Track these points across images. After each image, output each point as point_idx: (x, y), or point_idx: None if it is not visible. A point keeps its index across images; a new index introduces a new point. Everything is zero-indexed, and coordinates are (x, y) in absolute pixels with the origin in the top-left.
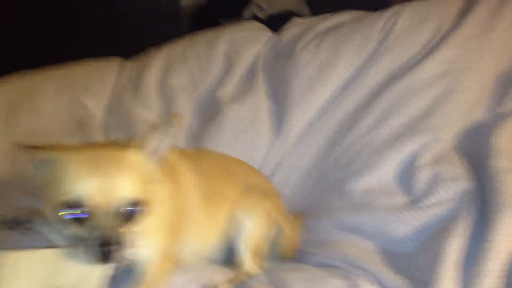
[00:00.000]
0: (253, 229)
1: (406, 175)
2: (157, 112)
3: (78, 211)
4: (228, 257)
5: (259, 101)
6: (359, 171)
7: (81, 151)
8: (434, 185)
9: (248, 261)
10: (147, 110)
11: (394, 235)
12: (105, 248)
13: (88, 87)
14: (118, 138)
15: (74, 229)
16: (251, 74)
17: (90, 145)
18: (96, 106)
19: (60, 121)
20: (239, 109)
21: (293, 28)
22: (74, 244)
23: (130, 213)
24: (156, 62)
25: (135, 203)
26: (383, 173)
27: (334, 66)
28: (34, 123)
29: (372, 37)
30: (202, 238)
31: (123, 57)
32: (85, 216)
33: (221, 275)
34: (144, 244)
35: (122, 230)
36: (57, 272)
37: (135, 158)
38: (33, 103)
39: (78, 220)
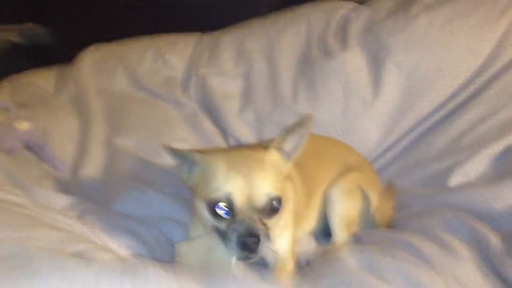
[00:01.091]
0: (343, 201)
1: (504, 156)
2: (233, 80)
3: (225, 206)
4: (326, 230)
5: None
6: (461, 164)
7: (228, 153)
8: None
9: (340, 233)
10: (222, 79)
11: (492, 212)
12: (248, 239)
13: (172, 44)
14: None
15: (221, 224)
16: (342, 34)
17: (233, 148)
18: (178, 64)
19: (150, 77)
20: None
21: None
22: (220, 238)
23: (270, 209)
24: (234, 32)
25: (276, 199)
26: (483, 163)
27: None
28: (129, 80)
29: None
30: (304, 224)
31: None
32: (233, 211)
33: (315, 248)
34: (279, 238)
35: (263, 225)
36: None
37: (275, 158)
38: (122, 61)
39: (226, 216)
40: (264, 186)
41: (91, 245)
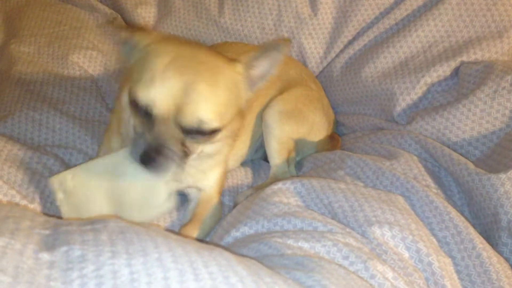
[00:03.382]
0: (282, 125)
1: (453, 79)
2: None
3: (144, 112)
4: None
5: None
6: (407, 90)
7: (183, 47)
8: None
9: (279, 161)
10: None
11: (448, 143)
12: (151, 154)
13: None
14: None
15: (138, 126)
16: None
17: (198, 44)
18: None
19: None
20: None
21: None
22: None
23: (199, 134)
24: None
25: (209, 129)
26: (431, 89)
27: None
28: None
29: None
30: (234, 153)
31: None
32: (151, 120)
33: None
34: (210, 172)
35: (184, 147)
36: (117, 178)
37: (237, 77)
38: None
39: (143, 119)
40: (202, 106)
41: None
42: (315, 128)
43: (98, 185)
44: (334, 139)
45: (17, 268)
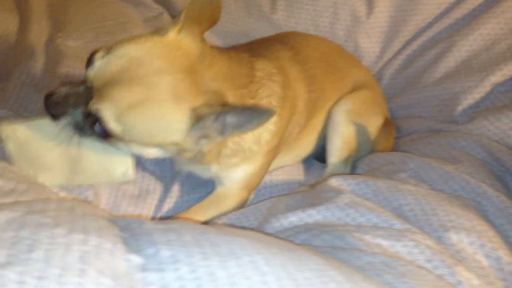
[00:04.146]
0: (349, 124)
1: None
2: None
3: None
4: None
5: None
6: (470, 89)
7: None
8: None
9: (339, 159)
10: None
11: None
12: (52, 97)
13: None
14: None
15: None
16: None
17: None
18: None
19: None
20: None
21: None
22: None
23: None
24: None
25: (104, 126)
26: (495, 89)
27: None
28: None
29: None
30: (297, 150)
31: None
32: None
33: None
34: (233, 169)
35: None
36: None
37: (171, 114)
38: None
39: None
40: (106, 105)
41: None
42: (377, 131)
43: (52, 144)
44: (389, 124)
45: (114, 270)
